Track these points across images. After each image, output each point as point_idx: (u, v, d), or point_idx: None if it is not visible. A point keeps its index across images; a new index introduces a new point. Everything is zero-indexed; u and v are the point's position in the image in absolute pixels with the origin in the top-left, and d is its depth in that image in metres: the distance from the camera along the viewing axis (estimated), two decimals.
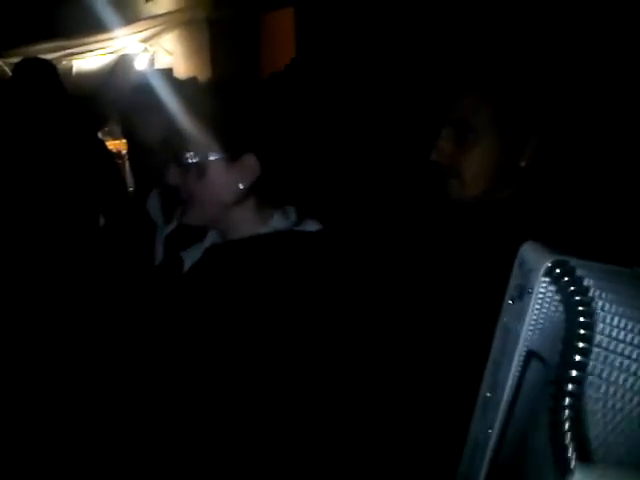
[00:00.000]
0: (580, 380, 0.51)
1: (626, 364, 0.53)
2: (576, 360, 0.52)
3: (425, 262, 1.32)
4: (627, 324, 0.53)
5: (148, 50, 6.70)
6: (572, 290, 0.54)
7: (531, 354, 0.60)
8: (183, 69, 6.58)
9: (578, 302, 0.53)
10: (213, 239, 1.29)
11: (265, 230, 1.20)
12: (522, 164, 1.28)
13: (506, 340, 0.65)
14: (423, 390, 1.22)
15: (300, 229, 1.21)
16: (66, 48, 6.35)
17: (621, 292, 0.54)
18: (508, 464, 0.62)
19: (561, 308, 0.55)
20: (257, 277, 1.14)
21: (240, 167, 1.16)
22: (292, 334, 1.09)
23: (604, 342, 0.53)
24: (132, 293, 1.54)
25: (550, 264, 0.57)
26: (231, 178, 1.17)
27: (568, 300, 0.54)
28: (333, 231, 1.24)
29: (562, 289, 0.55)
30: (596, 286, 0.54)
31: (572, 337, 0.52)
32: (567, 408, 0.50)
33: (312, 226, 1.22)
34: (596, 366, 0.53)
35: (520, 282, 0.63)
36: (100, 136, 5.12)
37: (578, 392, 0.51)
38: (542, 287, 0.58)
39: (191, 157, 1.15)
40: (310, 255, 1.17)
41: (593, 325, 0.52)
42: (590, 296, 0.53)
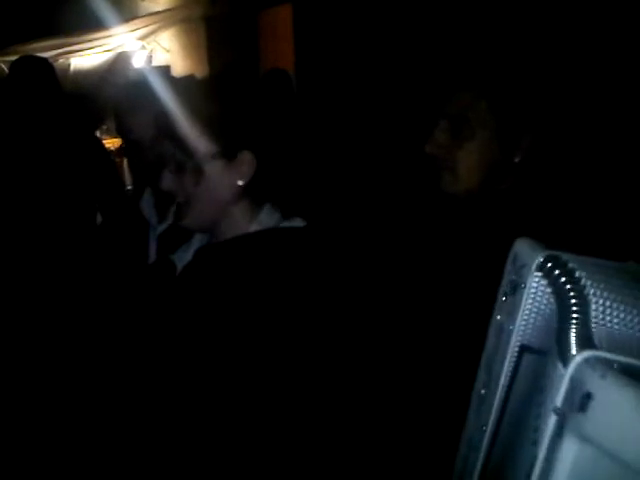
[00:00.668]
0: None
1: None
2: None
3: (417, 257, 1.31)
4: (619, 307, 0.53)
5: (145, 48, 6.68)
6: (563, 281, 0.54)
7: (524, 349, 0.60)
8: (181, 66, 6.57)
9: (570, 289, 0.53)
10: (202, 239, 1.28)
11: (255, 228, 1.19)
12: (517, 159, 1.28)
13: (500, 337, 0.65)
14: (417, 388, 1.21)
15: (288, 225, 1.20)
16: (63, 46, 6.33)
17: (612, 283, 0.54)
18: (501, 461, 0.62)
19: (552, 300, 0.55)
20: (251, 277, 1.13)
21: (238, 165, 1.16)
22: (285, 331, 1.08)
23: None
24: (126, 294, 1.53)
25: (542, 259, 0.57)
26: (230, 176, 1.16)
27: (560, 290, 0.54)
28: (322, 226, 1.23)
29: (554, 282, 0.55)
30: (587, 278, 0.54)
31: (566, 317, 0.52)
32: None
33: (299, 222, 1.22)
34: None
35: (513, 278, 0.63)
36: (98, 134, 5.13)
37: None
38: (534, 282, 0.58)
39: (188, 160, 1.14)
40: (302, 251, 1.16)
41: (586, 307, 0.53)
42: (582, 284, 0.53)
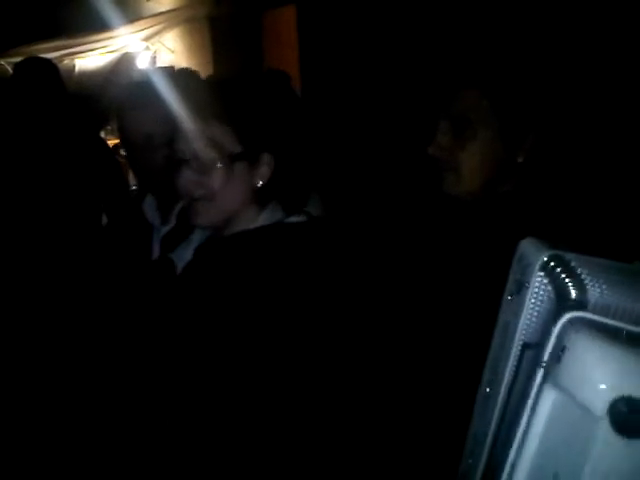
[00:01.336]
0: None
1: None
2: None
3: (422, 257, 1.31)
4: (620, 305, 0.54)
5: (150, 48, 6.69)
6: (564, 277, 0.54)
7: (525, 347, 0.60)
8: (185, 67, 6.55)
9: (570, 283, 0.54)
10: (201, 237, 1.29)
11: (259, 224, 1.20)
12: (520, 160, 1.28)
13: (505, 336, 0.65)
14: (421, 388, 1.21)
15: (291, 221, 1.22)
16: (68, 47, 6.34)
17: (615, 282, 0.54)
18: (502, 460, 0.62)
19: (553, 296, 0.56)
20: (254, 272, 1.13)
21: (259, 166, 1.19)
22: (288, 328, 1.09)
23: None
24: (129, 294, 1.53)
25: (546, 258, 0.57)
26: (252, 178, 1.19)
27: (560, 285, 0.55)
28: (326, 222, 1.24)
29: (555, 279, 0.56)
30: (589, 276, 0.54)
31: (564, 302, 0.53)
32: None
33: (302, 218, 1.23)
34: None
35: (518, 277, 0.63)
36: (103, 135, 5.14)
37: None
38: (537, 281, 0.58)
39: (217, 160, 1.16)
40: (304, 247, 1.17)
41: (585, 295, 0.53)
42: (583, 281, 0.54)
